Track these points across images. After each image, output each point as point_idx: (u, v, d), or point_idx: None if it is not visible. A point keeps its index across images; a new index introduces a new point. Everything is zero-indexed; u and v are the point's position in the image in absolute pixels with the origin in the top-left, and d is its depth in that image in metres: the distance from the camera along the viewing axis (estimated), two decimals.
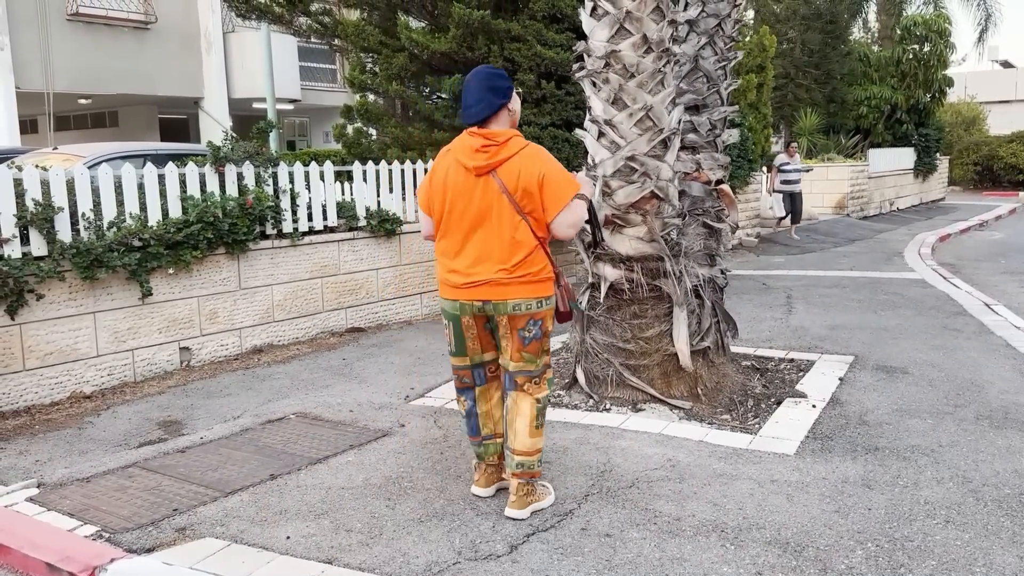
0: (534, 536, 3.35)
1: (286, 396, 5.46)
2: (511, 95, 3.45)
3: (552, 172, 3.39)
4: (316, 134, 22.71)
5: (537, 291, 3.43)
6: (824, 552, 3.16)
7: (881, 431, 4.50)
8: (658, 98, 4.97)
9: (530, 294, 3.42)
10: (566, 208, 3.36)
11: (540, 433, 3.55)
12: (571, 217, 3.39)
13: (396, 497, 3.76)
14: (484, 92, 3.40)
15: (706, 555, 3.16)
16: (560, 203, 3.35)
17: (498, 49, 8.19)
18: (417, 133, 8.62)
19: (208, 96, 17.30)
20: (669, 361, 5.13)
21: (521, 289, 3.40)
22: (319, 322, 7.23)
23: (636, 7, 4.87)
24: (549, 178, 3.37)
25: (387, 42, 8.55)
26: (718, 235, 5.97)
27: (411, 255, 8.03)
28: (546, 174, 3.36)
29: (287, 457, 4.31)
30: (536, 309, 3.45)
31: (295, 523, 3.53)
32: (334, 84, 20.62)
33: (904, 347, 6.40)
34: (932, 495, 3.65)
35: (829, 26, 20.56)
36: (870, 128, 21.62)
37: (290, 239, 6.89)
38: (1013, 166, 27.45)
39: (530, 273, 3.40)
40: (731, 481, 3.86)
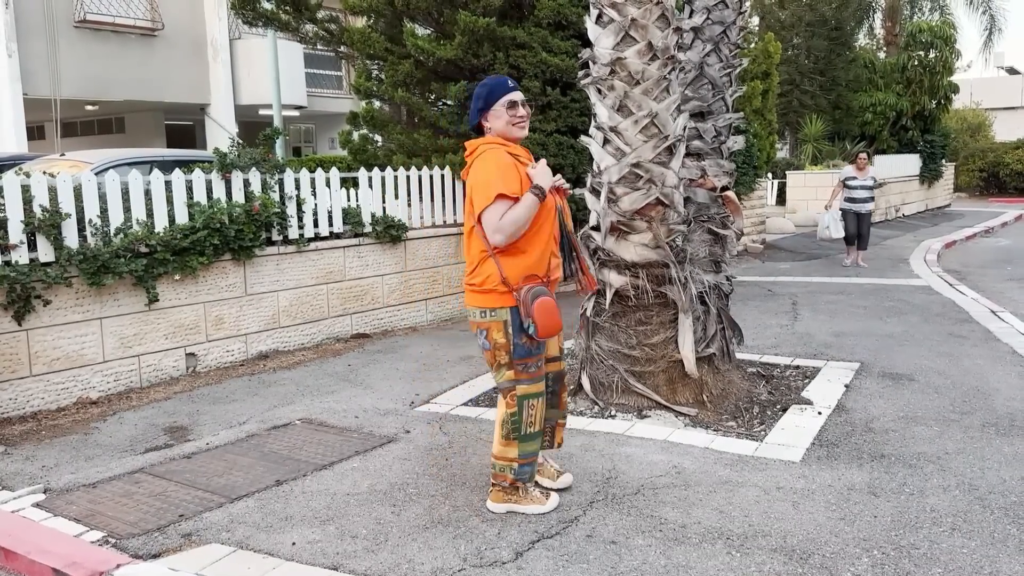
0: (539, 543, 3.35)
1: (292, 402, 5.47)
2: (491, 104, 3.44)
3: (474, 175, 3.38)
4: (322, 140, 22.76)
5: (482, 301, 3.42)
6: (830, 560, 3.15)
7: (887, 438, 4.49)
8: (663, 105, 4.98)
9: (475, 303, 3.45)
10: (483, 213, 3.31)
11: (512, 444, 3.52)
12: (487, 221, 3.29)
13: (401, 503, 3.77)
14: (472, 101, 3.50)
15: (711, 562, 3.16)
16: (477, 208, 3.33)
17: (503, 56, 8.21)
18: (422, 140, 8.65)
19: (214, 102, 17.36)
20: (674, 368, 5.13)
21: (471, 297, 3.46)
22: (324, 328, 7.24)
23: (641, 15, 4.88)
24: (474, 185, 3.37)
25: (393, 49, 8.58)
26: (723, 242, 5.98)
27: (416, 261, 8.05)
28: (474, 182, 3.37)
29: (293, 463, 4.32)
30: (480, 319, 3.44)
31: (301, 529, 3.54)
32: (340, 91, 20.68)
33: (910, 354, 6.38)
34: (938, 503, 3.64)
35: (834, 32, 20.59)
36: (875, 135, 21.60)
37: (296, 245, 6.91)
38: (1019, 173, 27.39)
39: (475, 283, 3.43)
40: (737, 488, 3.85)
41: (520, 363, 3.45)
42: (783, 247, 14.20)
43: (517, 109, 3.45)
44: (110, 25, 15.16)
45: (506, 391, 3.51)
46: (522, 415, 3.48)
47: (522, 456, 3.55)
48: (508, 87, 3.47)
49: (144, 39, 15.85)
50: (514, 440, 3.52)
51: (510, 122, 3.44)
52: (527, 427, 3.50)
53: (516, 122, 3.45)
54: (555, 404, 3.75)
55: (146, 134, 19.01)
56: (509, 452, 3.54)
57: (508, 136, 3.47)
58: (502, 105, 3.44)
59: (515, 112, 3.45)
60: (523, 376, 3.46)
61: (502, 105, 3.44)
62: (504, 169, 3.33)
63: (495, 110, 3.45)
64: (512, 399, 3.48)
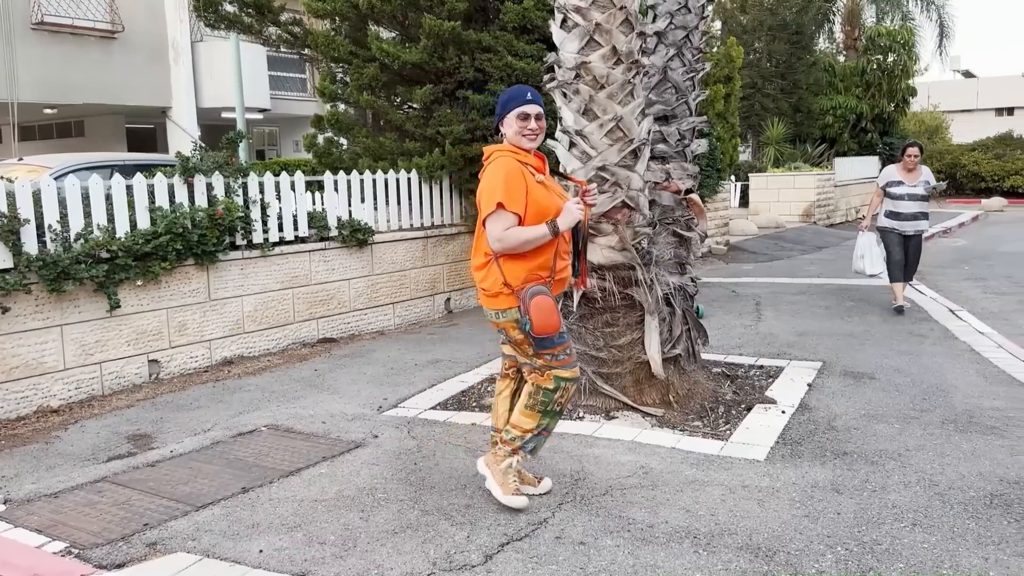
0: (509, 545, 3.35)
1: (257, 408, 5.42)
2: (506, 113, 3.52)
3: (483, 181, 3.48)
4: (286, 144, 22.56)
5: (494, 304, 3.52)
6: (795, 557, 3.20)
7: (849, 436, 4.57)
8: (628, 109, 5.02)
9: (489, 306, 3.55)
10: (486, 219, 3.43)
11: (531, 415, 3.58)
12: (489, 229, 3.42)
13: (370, 509, 3.75)
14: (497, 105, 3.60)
15: (679, 561, 3.19)
16: (481, 215, 3.45)
17: (469, 60, 8.22)
18: (388, 143, 8.61)
19: (176, 106, 17.12)
20: (641, 369, 5.17)
21: (484, 300, 3.58)
22: (290, 333, 7.18)
23: (606, 19, 4.92)
24: (480, 192, 3.49)
25: (357, 52, 8.54)
26: (688, 244, 6.04)
27: (383, 265, 8.02)
28: (480, 189, 3.49)
29: (259, 470, 4.28)
30: (496, 319, 3.55)
31: (268, 536, 3.51)
32: (304, 94, 20.52)
33: (871, 353, 6.50)
34: (900, 499, 3.72)
35: (795, 37, 20.92)
36: (836, 137, 21.99)
37: (260, 250, 6.85)
38: (975, 174, 28.01)
39: (485, 287, 3.53)
40: (703, 487, 3.90)
41: (547, 353, 3.52)
42: (747, 249, 14.38)
43: (528, 121, 3.50)
44: (68, 27, 14.88)
45: (542, 370, 3.56)
46: (555, 394, 3.56)
47: (538, 428, 3.61)
48: (524, 99, 3.52)
49: (103, 42, 15.59)
50: (538, 412, 3.58)
51: (519, 132, 3.51)
52: (555, 404, 3.57)
53: (526, 133, 3.51)
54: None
55: (106, 138, 18.69)
56: (527, 422, 3.60)
57: (518, 146, 3.55)
58: (514, 115, 3.51)
59: (526, 124, 3.50)
60: (555, 364, 3.53)
61: (514, 115, 3.51)
62: (510, 178, 3.40)
63: (508, 119, 3.53)
64: (549, 377, 3.54)
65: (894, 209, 8.18)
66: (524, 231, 3.40)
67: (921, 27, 25.17)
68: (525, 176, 3.46)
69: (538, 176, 3.53)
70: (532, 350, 3.53)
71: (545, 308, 3.36)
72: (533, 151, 3.58)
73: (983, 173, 28.00)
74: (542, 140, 3.62)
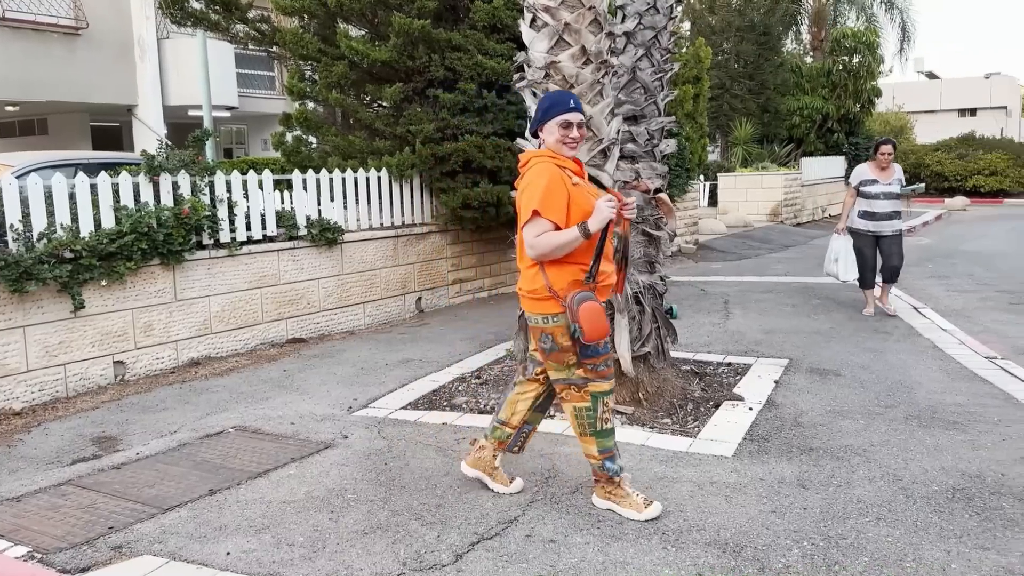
0: (479, 544, 3.36)
1: (225, 409, 5.36)
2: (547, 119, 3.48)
3: (523, 188, 3.43)
4: (254, 142, 22.36)
5: (542, 308, 3.46)
6: (762, 552, 3.24)
7: (815, 432, 4.63)
8: (597, 108, 5.04)
9: (536, 310, 3.49)
10: (524, 226, 3.39)
11: (591, 440, 3.57)
12: (524, 236, 3.38)
13: (339, 510, 3.73)
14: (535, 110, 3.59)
15: (648, 558, 3.21)
16: (520, 221, 3.41)
17: (439, 58, 8.20)
18: (358, 142, 8.57)
19: (142, 103, 16.89)
20: None
21: (530, 304, 3.51)
22: (258, 333, 7.12)
23: (575, 19, 4.93)
24: (520, 198, 3.44)
25: (326, 50, 8.49)
26: (657, 243, 6.07)
27: (353, 264, 7.98)
28: (520, 195, 3.44)
29: (226, 472, 4.24)
30: (543, 324, 3.48)
31: (235, 538, 3.48)
32: (273, 92, 20.34)
33: (836, 350, 6.59)
34: (864, 493, 3.77)
35: (763, 38, 21.13)
36: (803, 137, 22.26)
37: (227, 249, 6.78)
38: (939, 174, 28.51)
39: (531, 291, 3.48)
40: (671, 484, 3.93)
41: (589, 363, 3.49)
42: (715, 248, 14.51)
43: (571, 130, 3.47)
44: (31, 24, 14.61)
45: (577, 386, 3.53)
46: (597, 411, 3.54)
47: (601, 452, 3.58)
48: (568, 107, 3.48)
49: (67, 38, 15.33)
50: (591, 436, 3.57)
51: (560, 140, 3.47)
52: (601, 423, 3.55)
53: (567, 142, 3.48)
54: (545, 408, 3.87)
55: (70, 136, 18.38)
56: (591, 449, 3.61)
57: (559, 153, 3.51)
58: (556, 123, 3.47)
59: (568, 132, 3.47)
60: (592, 375, 3.50)
61: (556, 123, 3.47)
62: (551, 186, 3.36)
63: (549, 126, 3.49)
64: (586, 395, 3.52)
65: (868, 209, 7.97)
66: (554, 236, 3.34)
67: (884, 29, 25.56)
68: (566, 182, 3.42)
69: (575, 179, 3.49)
70: (576, 359, 3.48)
71: (595, 314, 3.32)
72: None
73: (946, 173, 28.53)
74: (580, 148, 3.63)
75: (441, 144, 8.32)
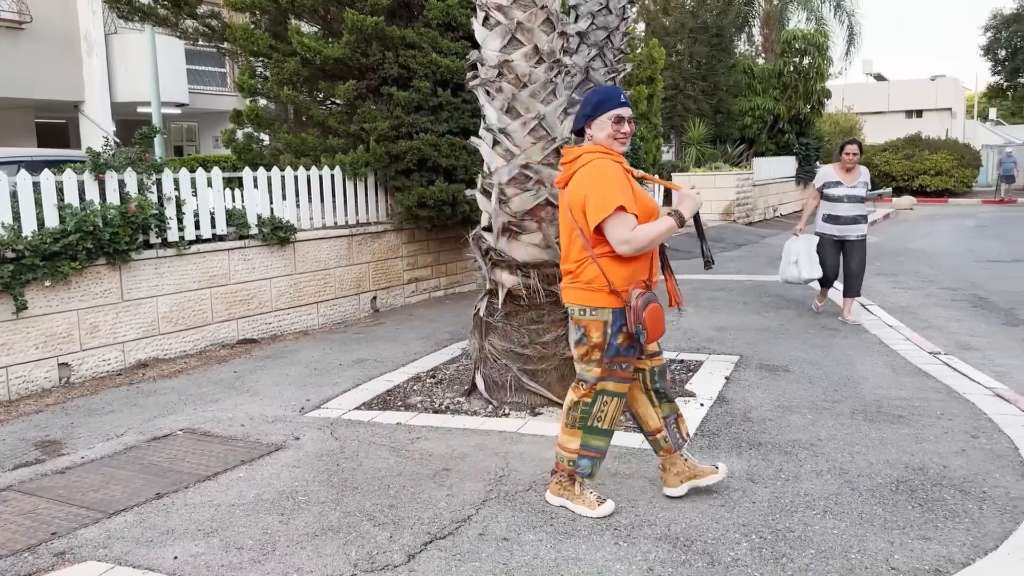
0: (432, 544, 3.34)
1: (173, 412, 5.27)
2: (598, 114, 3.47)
3: (591, 188, 3.37)
4: (206, 139, 21.99)
5: (585, 299, 3.45)
6: (711, 545, 3.28)
7: (764, 427, 4.70)
8: (550, 107, 5.06)
9: (577, 300, 3.48)
10: (605, 225, 3.33)
11: (576, 433, 3.55)
12: (614, 233, 3.32)
13: (290, 512, 3.69)
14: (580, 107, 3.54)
15: (600, 553, 3.23)
16: (593, 218, 3.34)
17: (393, 56, 8.15)
18: (311, 139, 8.48)
19: (89, 100, 16.50)
20: (566, 365, 5.21)
21: (575, 293, 3.50)
22: (208, 334, 7.00)
23: (527, 18, 4.94)
24: (588, 197, 3.38)
25: (278, 47, 8.38)
26: None
27: (307, 264, 7.89)
28: (587, 193, 3.38)
29: (174, 475, 4.16)
30: (580, 316, 3.48)
31: (183, 542, 3.41)
32: (225, 88, 20.03)
33: (786, 347, 6.70)
34: (811, 487, 3.84)
35: (716, 39, 21.38)
36: (755, 138, 22.58)
37: (176, 248, 6.65)
38: (887, 174, 29.16)
39: (581, 281, 3.46)
40: (625, 480, 3.96)
41: (611, 362, 3.47)
42: (669, 246, 14.59)
43: (623, 125, 3.47)
44: None
45: (585, 383, 3.52)
46: (593, 407, 3.51)
47: (584, 447, 3.55)
48: (619, 101, 3.48)
49: (10, 33, 14.91)
50: (578, 429, 3.54)
51: (612, 135, 3.47)
52: (595, 420, 3.52)
53: (619, 137, 3.48)
54: (668, 396, 3.75)
55: (14, 133, 17.87)
56: (571, 442, 3.57)
57: (609, 148, 3.50)
58: (608, 118, 3.46)
59: (620, 127, 3.47)
60: (608, 375, 3.49)
61: (608, 118, 3.46)
62: (620, 180, 3.37)
63: (600, 121, 3.48)
64: (590, 390, 3.50)
65: (832, 212, 7.70)
66: (651, 228, 3.34)
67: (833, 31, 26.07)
68: (628, 177, 3.44)
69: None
70: (599, 355, 3.46)
71: (659, 316, 3.36)
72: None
73: (894, 173, 29.20)
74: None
75: (396, 142, 8.27)
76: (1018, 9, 29.78)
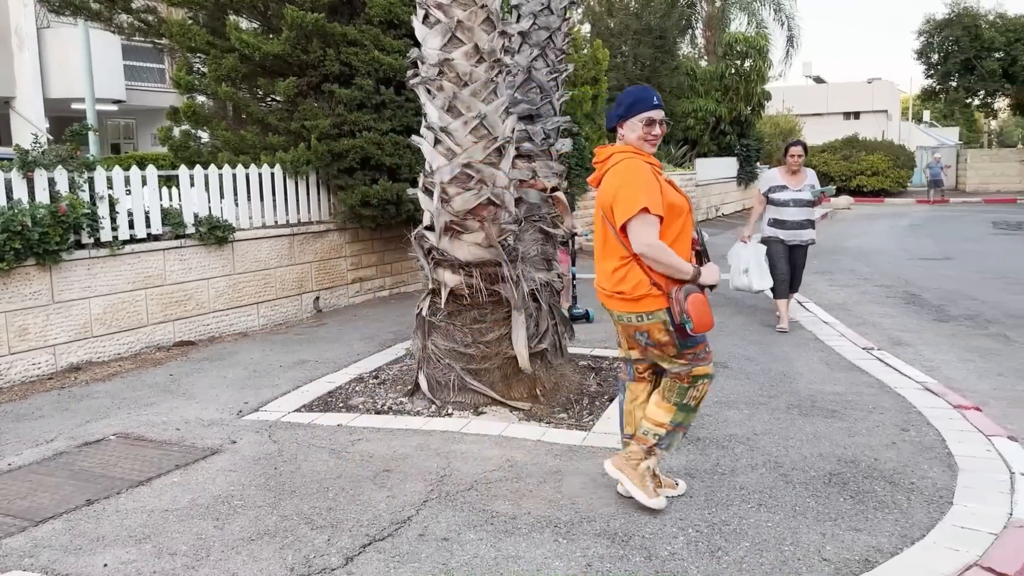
0: (370, 546, 3.31)
1: (106, 416, 5.13)
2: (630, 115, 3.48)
3: (620, 188, 3.39)
4: (144, 137, 21.47)
5: (634, 307, 3.45)
6: (649, 540, 3.32)
7: (702, 422, 4.77)
8: (492, 107, 5.05)
9: (627, 309, 3.48)
10: (629, 225, 3.35)
11: (666, 407, 3.53)
12: (636, 235, 3.34)
13: (225, 517, 3.62)
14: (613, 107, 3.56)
15: (539, 551, 3.24)
16: (620, 217, 3.36)
17: (334, 53, 8.05)
18: (250, 137, 8.33)
19: (20, 96, 15.98)
20: (509, 364, 5.22)
21: (622, 304, 3.49)
22: (144, 336, 6.83)
23: (467, 17, 4.93)
24: (616, 195, 3.39)
25: (216, 43, 8.21)
26: (554, 241, 6.15)
27: (246, 264, 7.75)
28: (615, 194, 3.40)
29: (106, 481, 4.05)
30: (637, 323, 3.48)
31: (114, 550, 3.32)
32: (164, 85, 19.58)
33: (724, 343, 6.81)
34: (747, 480, 3.91)
35: (659, 41, 21.62)
36: (697, 139, 22.93)
37: (109, 248, 6.48)
38: (825, 174, 29.83)
39: (623, 291, 3.45)
40: (565, 477, 3.98)
41: (690, 352, 3.48)
42: None
43: (653, 127, 3.49)
44: None
45: (681, 373, 3.51)
46: (691, 389, 3.52)
47: (673, 423, 3.54)
48: (651, 103, 3.49)
49: None
50: (673, 404, 3.52)
51: (643, 137, 3.49)
52: (691, 399, 3.53)
53: (650, 139, 3.51)
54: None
55: None
56: (661, 415, 3.54)
57: (640, 149, 3.50)
58: (640, 120, 3.48)
59: (650, 130, 3.49)
60: (695, 361, 3.50)
61: (640, 120, 3.48)
62: (648, 182, 3.37)
63: (632, 122, 3.49)
64: (688, 377, 3.50)
65: (778, 217, 7.43)
66: (672, 257, 3.35)
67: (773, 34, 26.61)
68: (657, 178, 3.43)
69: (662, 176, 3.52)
70: (676, 351, 3.46)
71: (703, 305, 3.36)
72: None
73: (832, 173, 29.92)
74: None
75: (338, 140, 8.18)
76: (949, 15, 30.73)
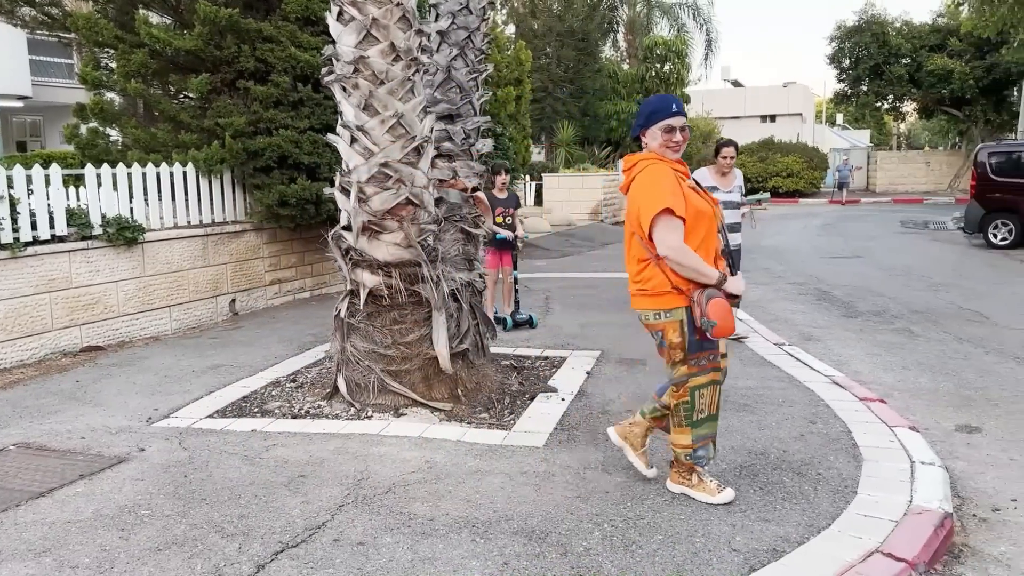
0: (283, 553, 3.24)
1: (6, 425, 4.89)
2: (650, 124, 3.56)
3: (640, 187, 3.49)
4: (52, 134, 20.60)
5: (654, 304, 3.53)
6: (565, 537, 3.34)
7: (620, 419, 4.80)
8: (409, 106, 5.01)
9: (647, 306, 3.57)
10: (653, 227, 3.42)
11: (686, 431, 3.62)
12: (660, 235, 3.41)
13: (131, 527, 3.49)
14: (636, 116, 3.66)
15: (456, 551, 3.23)
16: (644, 218, 3.44)
17: (249, 49, 7.88)
18: (161, 135, 8.08)
19: None
20: (430, 365, 5.19)
21: (640, 300, 3.60)
22: (48, 342, 6.54)
23: (383, 15, 4.88)
24: (640, 199, 3.48)
25: (124, 37, 7.93)
26: (476, 241, 6.14)
27: (157, 265, 7.50)
28: (640, 196, 3.48)
29: (4, 492, 3.86)
30: (654, 320, 3.55)
31: (11, 564, 3.17)
32: (72, 80, 18.81)
33: (644, 341, 6.88)
34: (662, 474, 3.97)
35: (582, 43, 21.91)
36: (620, 140, 23.28)
37: (10, 250, 6.19)
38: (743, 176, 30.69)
39: (646, 289, 3.54)
40: (484, 477, 3.97)
41: (694, 358, 3.54)
42: (540, 245, 14.87)
43: (674, 134, 3.55)
44: None
45: (679, 384, 3.59)
46: (694, 404, 3.59)
47: (695, 440, 3.63)
48: (671, 111, 3.55)
49: None
50: (687, 426, 3.62)
51: (664, 144, 3.56)
52: (698, 414, 3.60)
53: (670, 146, 3.56)
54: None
55: None
56: (682, 439, 3.66)
57: (663, 156, 3.57)
58: (660, 128, 3.55)
59: (671, 137, 3.55)
60: (695, 370, 3.55)
61: (660, 128, 3.55)
62: (672, 185, 3.44)
63: (652, 131, 3.58)
64: (685, 390, 3.58)
65: None
66: (698, 262, 3.42)
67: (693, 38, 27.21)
68: (680, 182, 3.50)
69: (687, 181, 3.57)
70: (682, 355, 3.52)
71: (725, 310, 3.39)
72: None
73: (749, 175, 30.71)
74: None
75: (254, 138, 8.00)
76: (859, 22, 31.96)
